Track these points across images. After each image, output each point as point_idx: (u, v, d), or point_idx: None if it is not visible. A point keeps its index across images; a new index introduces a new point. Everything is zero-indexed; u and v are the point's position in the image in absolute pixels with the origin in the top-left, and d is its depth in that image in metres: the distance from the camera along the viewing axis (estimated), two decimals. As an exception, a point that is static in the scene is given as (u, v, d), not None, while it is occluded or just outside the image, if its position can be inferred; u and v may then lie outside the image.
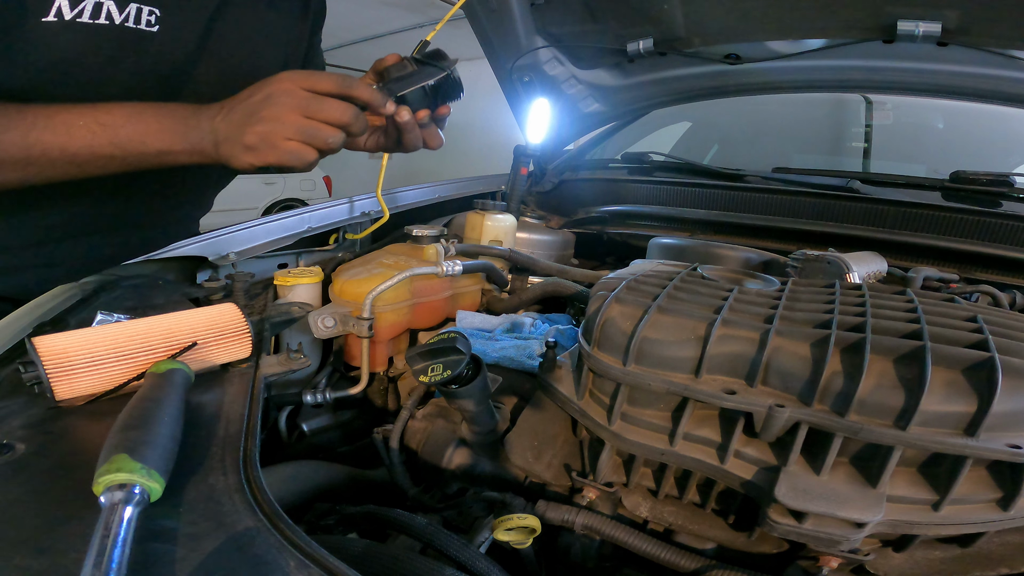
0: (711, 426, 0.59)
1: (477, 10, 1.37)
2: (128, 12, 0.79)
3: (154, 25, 0.82)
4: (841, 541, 0.52)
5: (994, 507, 0.52)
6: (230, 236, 1.04)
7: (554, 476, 0.72)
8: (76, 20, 0.74)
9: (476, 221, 1.24)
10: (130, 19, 0.79)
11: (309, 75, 0.71)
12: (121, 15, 0.78)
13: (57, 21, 0.73)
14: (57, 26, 0.73)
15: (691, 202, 1.44)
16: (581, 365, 0.66)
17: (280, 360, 0.69)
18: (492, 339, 0.96)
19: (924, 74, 1.21)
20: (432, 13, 6.04)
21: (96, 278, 0.83)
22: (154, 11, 0.81)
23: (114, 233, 0.99)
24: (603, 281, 0.72)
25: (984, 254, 1.09)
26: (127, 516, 0.37)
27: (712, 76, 1.43)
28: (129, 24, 0.79)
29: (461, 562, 0.55)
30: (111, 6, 0.77)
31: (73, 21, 0.74)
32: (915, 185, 1.27)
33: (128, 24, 0.79)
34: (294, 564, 0.37)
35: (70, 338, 0.54)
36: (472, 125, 8.23)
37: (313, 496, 0.74)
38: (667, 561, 0.60)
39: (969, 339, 0.53)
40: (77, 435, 0.50)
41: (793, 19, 1.18)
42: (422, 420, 0.82)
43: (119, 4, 0.77)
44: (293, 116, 0.68)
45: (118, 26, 0.78)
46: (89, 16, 0.75)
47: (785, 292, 0.68)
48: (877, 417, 0.51)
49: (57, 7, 0.73)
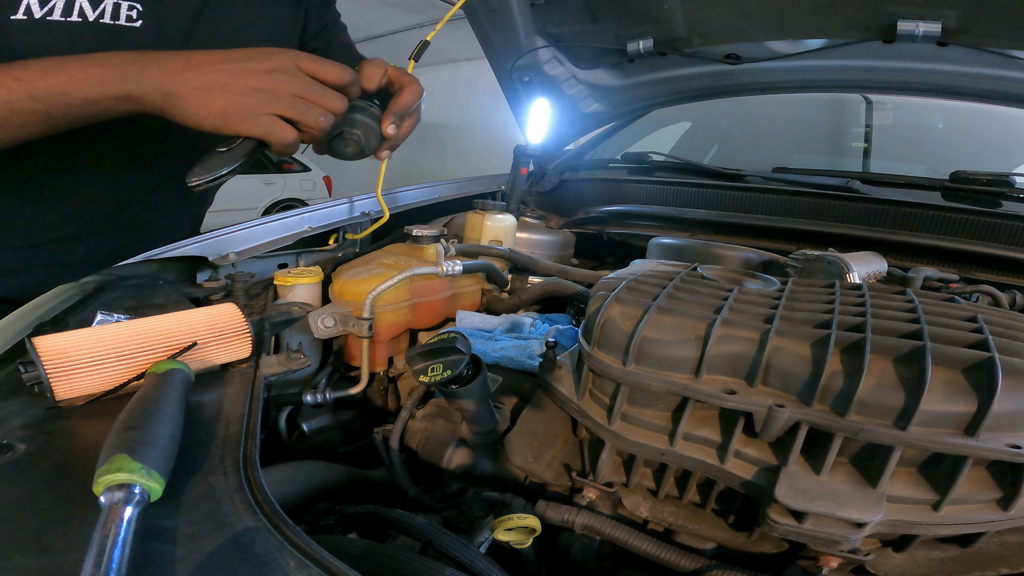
0: (711, 426, 0.59)
1: (477, 10, 1.37)
2: (103, 8, 0.77)
3: (136, 20, 0.81)
4: (841, 541, 0.52)
5: (994, 507, 0.52)
6: (230, 236, 1.04)
7: (554, 476, 0.72)
8: (46, 18, 0.73)
9: (476, 221, 1.24)
10: (106, 15, 0.78)
11: (315, 60, 0.68)
12: (95, 12, 0.77)
13: (26, 19, 0.72)
14: (27, 24, 0.72)
15: (691, 202, 1.44)
16: (581, 365, 0.66)
17: (280, 360, 0.69)
18: (492, 339, 0.96)
19: (924, 74, 1.21)
20: (432, 13, 6.05)
21: (96, 278, 0.82)
22: (135, 6, 0.80)
23: (113, 233, 0.99)
24: (603, 281, 0.72)
25: (984, 254, 1.09)
26: (127, 516, 0.37)
27: (712, 76, 1.43)
28: (105, 20, 0.78)
29: (461, 562, 0.55)
30: (83, 3, 0.75)
31: (43, 19, 0.73)
32: (915, 185, 1.27)
33: (104, 20, 0.78)
34: (294, 564, 0.37)
35: (70, 338, 0.54)
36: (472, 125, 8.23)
37: (313, 496, 0.74)
38: (667, 561, 0.60)
39: (969, 339, 0.53)
40: (77, 435, 0.50)
41: (793, 19, 1.18)
42: (422, 420, 0.82)
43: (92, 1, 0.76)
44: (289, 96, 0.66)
45: (92, 23, 0.77)
46: (60, 14, 0.74)
47: (785, 292, 0.68)
48: (877, 417, 0.51)
49: (26, 5, 0.72)
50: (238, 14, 0.94)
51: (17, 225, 0.89)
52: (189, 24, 0.87)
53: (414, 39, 0.97)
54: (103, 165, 0.92)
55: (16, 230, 0.89)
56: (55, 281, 0.78)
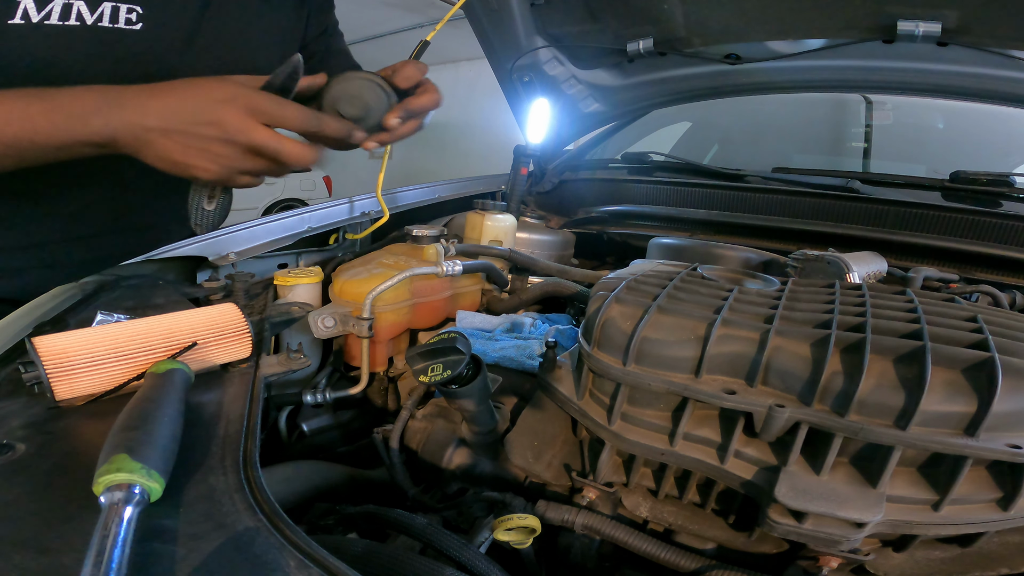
0: (711, 426, 0.59)
1: (477, 10, 1.37)
2: (101, 11, 0.77)
3: (136, 23, 0.81)
4: (841, 541, 0.52)
5: (994, 507, 0.52)
6: (230, 236, 1.04)
7: (554, 476, 0.72)
8: (44, 23, 0.73)
9: (476, 221, 1.24)
10: (104, 19, 0.78)
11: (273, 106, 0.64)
12: (93, 15, 0.77)
13: (24, 24, 0.72)
14: (25, 29, 0.72)
15: (691, 202, 1.44)
16: (581, 365, 0.66)
17: (280, 360, 0.69)
18: (492, 339, 0.96)
19: (924, 74, 1.21)
20: (432, 13, 6.05)
21: (96, 278, 0.82)
22: (135, 8, 0.80)
23: (115, 235, 0.99)
24: (603, 281, 0.72)
25: (984, 254, 1.09)
26: (127, 516, 0.36)
27: (712, 76, 1.43)
28: (104, 24, 0.78)
29: (461, 562, 0.55)
30: (81, 6, 0.75)
31: (41, 23, 0.73)
32: (915, 185, 1.27)
33: (103, 24, 0.78)
34: (294, 564, 0.37)
35: (70, 338, 0.54)
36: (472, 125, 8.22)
37: (313, 496, 0.74)
38: (667, 561, 0.60)
39: (969, 339, 0.53)
40: (77, 435, 0.50)
41: (793, 19, 1.18)
42: (422, 420, 0.82)
43: (90, 5, 0.76)
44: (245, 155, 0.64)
45: (91, 26, 0.77)
46: (58, 18, 0.74)
47: (785, 292, 0.68)
48: (877, 417, 0.51)
49: (23, 10, 0.72)
50: (241, 16, 0.94)
51: (21, 225, 0.89)
52: (191, 27, 0.87)
53: (414, 39, 0.97)
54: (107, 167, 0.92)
55: (19, 230, 0.89)
56: (56, 282, 0.78)
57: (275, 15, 1.01)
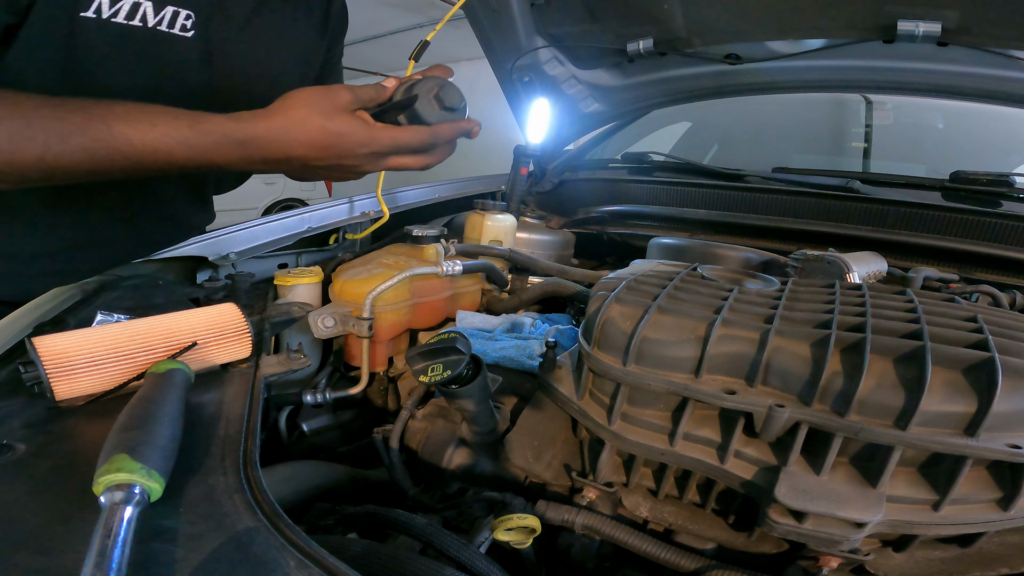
0: (711, 426, 0.59)
1: (477, 10, 1.37)
2: (163, 15, 0.78)
3: (189, 30, 0.82)
4: (841, 541, 0.52)
5: (994, 507, 0.52)
6: (230, 236, 1.04)
7: (554, 476, 0.72)
8: (111, 20, 0.74)
9: (476, 221, 1.24)
10: (164, 23, 0.79)
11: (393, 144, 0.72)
12: (155, 17, 0.78)
13: (95, 18, 0.73)
14: (94, 23, 0.73)
15: (691, 202, 1.44)
16: (581, 365, 0.66)
17: (280, 360, 0.69)
18: (492, 339, 0.96)
19: (924, 74, 1.21)
20: (432, 13, 6.04)
21: (96, 278, 0.83)
22: (191, 15, 0.81)
23: (123, 243, 0.99)
24: (603, 281, 0.72)
25: (984, 254, 1.09)
26: (127, 516, 0.37)
27: (712, 76, 1.43)
28: (162, 28, 0.79)
29: (461, 562, 0.55)
30: (148, 8, 0.76)
31: (108, 20, 0.74)
32: (915, 185, 1.27)
33: (161, 28, 0.79)
34: (294, 564, 0.37)
35: (70, 338, 0.54)
36: (472, 125, 8.21)
37: (313, 496, 0.74)
38: (667, 561, 0.60)
39: (969, 339, 0.53)
40: (77, 435, 0.50)
41: (793, 19, 1.18)
42: (422, 420, 0.82)
43: (156, 6, 0.77)
44: None
45: (151, 29, 0.78)
46: (124, 16, 0.75)
47: (785, 292, 0.68)
48: (877, 417, 0.51)
49: (97, 4, 0.72)
50: (274, 37, 0.96)
51: (28, 234, 0.89)
52: (233, 38, 0.89)
53: (414, 39, 0.97)
54: None
55: (27, 239, 0.89)
56: None
57: (302, 40, 1.03)
